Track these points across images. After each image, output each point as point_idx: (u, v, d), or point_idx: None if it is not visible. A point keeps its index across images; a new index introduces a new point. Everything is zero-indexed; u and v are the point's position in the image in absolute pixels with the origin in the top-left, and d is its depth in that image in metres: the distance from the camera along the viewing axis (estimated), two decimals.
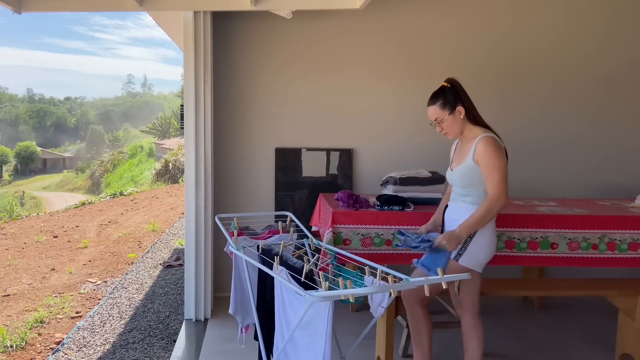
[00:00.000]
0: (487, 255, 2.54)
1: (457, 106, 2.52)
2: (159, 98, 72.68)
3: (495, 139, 2.49)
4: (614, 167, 4.50)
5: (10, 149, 50.45)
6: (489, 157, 2.42)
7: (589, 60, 4.43)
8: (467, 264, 2.49)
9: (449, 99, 2.52)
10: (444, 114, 2.53)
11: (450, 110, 2.52)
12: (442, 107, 2.53)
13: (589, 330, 3.85)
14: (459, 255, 2.48)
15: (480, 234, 2.47)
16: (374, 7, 4.19)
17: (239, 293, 2.73)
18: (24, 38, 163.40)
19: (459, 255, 2.48)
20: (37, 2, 3.60)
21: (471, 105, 2.57)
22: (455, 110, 2.52)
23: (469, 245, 2.48)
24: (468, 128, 2.56)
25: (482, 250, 2.50)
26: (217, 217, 2.75)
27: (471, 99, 2.58)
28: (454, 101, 2.52)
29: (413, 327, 2.74)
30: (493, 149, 2.43)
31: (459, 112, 2.52)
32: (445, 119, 2.53)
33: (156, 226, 9.47)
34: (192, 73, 3.82)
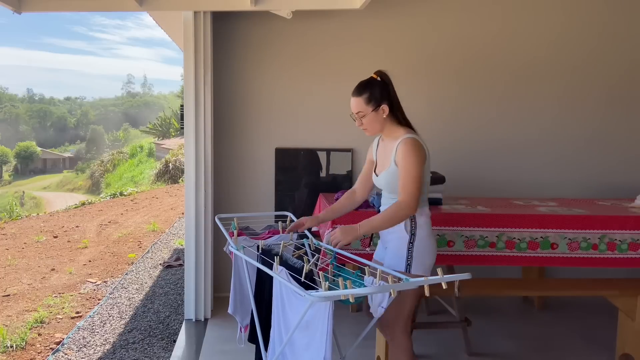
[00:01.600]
0: (431, 257, 2.40)
1: (382, 103, 2.36)
2: (159, 98, 72.67)
3: (417, 142, 2.32)
4: (614, 167, 4.50)
5: (10, 149, 50.45)
6: (407, 163, 2.28)
7: (589, 60, 4.43)
8: (419, 271, 2.36)
9: (375, 94, 2.36)
10: (368, 109, 2.36)
11: (375, 106, 2.35)
12: (366, 101, 2.36)
13: (589, 330, 3.85)
14: (409, 266, 2.35)
15: (418, 238, 2.35)
16: (374, 7, 4.19)
17: (239, 293, 2.73)
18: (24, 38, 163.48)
19: (409, 265, 2.35)
20: (37, 2, 3.60)
21: (397, 104, 2.41)
22: (379, 107, 2.36)
23: (413, 253, 2.35)
24: (390, 127, 2.41)
25: (426, 254, 2.37)
26: (217, 217, 2.75)
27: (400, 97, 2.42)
28: (380, 97, 2.36)
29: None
30: (413, 154, 2.28)
31: (382, 110, 2.36)
32: (368, 114, 2.37)
33: (156, 226, 9.47)
34: (192, 73, 3.82)
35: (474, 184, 4.36)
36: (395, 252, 2.39)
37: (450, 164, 4.19)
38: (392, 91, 2.41)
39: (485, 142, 4.44)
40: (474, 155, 4.42)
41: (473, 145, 4.42)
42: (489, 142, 4.44)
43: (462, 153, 4.40)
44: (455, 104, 4.41)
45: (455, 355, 3.42)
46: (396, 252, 2.39)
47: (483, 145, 4.44)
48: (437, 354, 3.44)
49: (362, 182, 2.64)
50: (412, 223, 2.37)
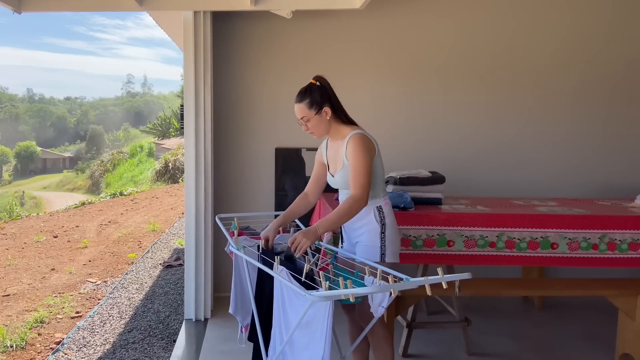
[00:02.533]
0: (399, 243, 2.55)
1: (323, 106, 2.45)
2: (159, 98, 72.65)
3: (365, 136, 2.43)
4: (614, 167, 4.50)
5: (10, 149, 50.46)
6: (355, 158, 2.38)
7: (590, 60, 4.43)
8: (391, 259, 2.46)
9: (315, 98, 2.45)
10: (311, 114, 2.46)
11: (317, 110, 2.45)
12: (308, 106, 2.46)
13: (589, 330, 3.85)
14: (384, 255, 2.44)
15: (388, 227, 2.46)
16: (374, 7, 4.19)
17: (239, 293, 2.73)
18: (24, 38, 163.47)
19: (383, 254, 2.44)
20: (37, 2, 3.61)
21: (338, 104, 2.51)
22: (322, 110, 2.45)
23: (385, 241, 2.45)
24: (335, 127, 2.51)
25: (395, 240, 2.50)
26: (217, 217, 2.75)
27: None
28: (321, 100, 2.45)
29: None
30: (361, 149, 2.38)
31: (325, 112, 2.46)
32: (312, 118, 2.46)
33: (156, 226, 9.47)
34: (192, 73, 3.82)
35: (474, 184, 4.36)
36: (368, 243, 2.47)
37: (450, 164, 4.19)
38: (331, 93, 2.50)
39: (485, 142, 4.44)
40: (474, 155, 4.42)
41: (473, 145, 4.42)
42: (489, 142, 4.44)
43: (462, 153, 4.40)
44: (456, 104, 4.41)
45: (455, 355, 3.42)
46: (369, 243, 2.47)
47: (483, 145, 4.44)
48: (437, 354, 3.44)
49: (313, 184, 2.71)
50: (380, 213, 2.47)
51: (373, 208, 2.47)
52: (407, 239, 3.09)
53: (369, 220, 2.47)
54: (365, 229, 2.48)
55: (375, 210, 2.47)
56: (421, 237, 3.12)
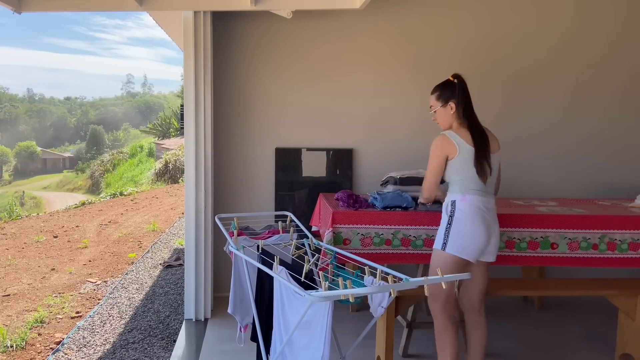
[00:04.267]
0: (469, 240, 2.57)
1: (450, 101, 2.65)
2: (159, 98, 72.67)
3: (441, 138, 2.63)
4: (614, 167, 4.50)
5: (10, 149, 50.46)
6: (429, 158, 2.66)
7: (591, 61, 4.43)
8: (452, 251, 2.57)
9: (445, 92, 2.67)
10: (437, 105, 2.69)
11: (443, 103, 2.66)
12: (437, 98, 2.70)
13: (589, 330, 3.85)
14: (445, 245, 2.58)
15: (456, 220, 2.57)
16: (374, 7, 4.19)
17: (238, 292, 2.73)
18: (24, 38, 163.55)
19: (445, 244, 2.58)
20: (37, 2, 3.60)
21: (467, 106, 2.68)
22: (447, 104, 2.65)
23: (450, 233, 2.58)
24: (456, 125, 2.67)
25: (463, 237, 2.56)
26: (217, 217, 2.75)
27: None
28: (450, 95, 2.65)
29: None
30: (432, 151, 2.64)
31: (450, 107, 2.65)
32: (437, 109, 2.69)
33: (156, 226, 9.47)
34: (192, 73, 3.83)
35: None
36: (439, 231, 2.66)
37: None
38: (462, 92, 2.68)
39: None
40: None
41: None
42: None
43: None
44: None
45: None
46: (438, 232, 2.66)
47: None
48: (437, 353, 3.44)
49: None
50: (452, 207, 2.62)
51: (448, 202, 2.64)
52: (407, 239, 3.10)
53: (444, 212, 2.66)
54: (442, 216, 2.67)
55: (450, 204, 2.63)
56: (421, 237, 3.12)
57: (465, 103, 2.67)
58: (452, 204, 2.62)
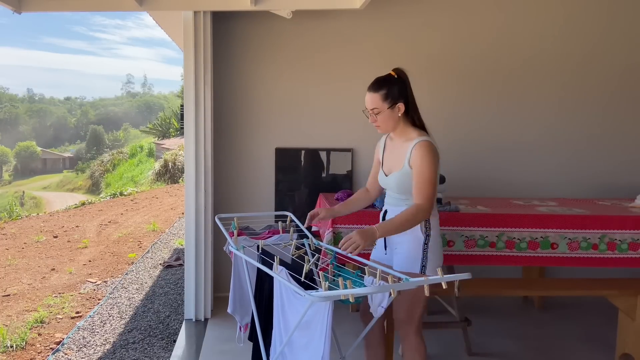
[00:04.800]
0: (441, 256, 2.44)
1: (399, 102, 2.33)
2: (159, 98, 72.67)
3: (433, 146, 2.33)
4: (614, 167, 4.50)
5: (10, 149, 50.47)
6: (424, 167, 2.28)
7: (590, 60, 4.43)
8: (432, 272, 2.37)
9: (393, 91, 2.33)
10: (383, 107, 2.33)
11: (391, 104, 2.32)
12: (383, 98, 2.33)
13: (589, 330, 3.85)
14: (424, 267, 2.35)
15: (432, 239, 2.37)
16: (374, 7, 4.19)
17: (238, 292, 2.73)
18: (24, 38, 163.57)
19: (424, 267, 2.35)
20: (37, 2, 3.60)
21: (413, 104, 2.39)
22: (395, 105, 2.33)
23: (428, 254, 2.36)
24: (403, 127, 2.39)
25: (438, 254, 2.40)
26: (217, 217, 2.75)
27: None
28: (398, 95, 2.33)
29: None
30: (429, 159, 2.29)
31: (398, 108, 2.34)
32: (383, 112, 2.33)
33: (156, 226, 9.47)
34: (192, 73, 3.82)
35: (474, 184, 4.36)
36: (408, 254, 2.37)
37: (450, 164, 4.18)
38: (409, 90, 2.38)
39: (485, 142, 4.44)
40: (474, 155, 4.42)
41: (473, 146, 4.42)
42: (489, 142, 4.44)
43: (462, 153, 4.40)
44: (455, 104, 4.41)
45: (455, 355, 3.42)
46: (409, 254, 2.37)
47: (483, 146, 4.44)
48: (437, 354, 3.44)
49: (373, 180, 2.64)
50: (426, 224, 2.37)
51: None
52: None
53: (414, 230, 2.35)
54: (409, 237, 2.36)
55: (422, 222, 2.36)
56: None
57: (413, 103, 2.38)
58: (425, 221, 2.36)
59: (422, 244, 2.36)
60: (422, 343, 2.46)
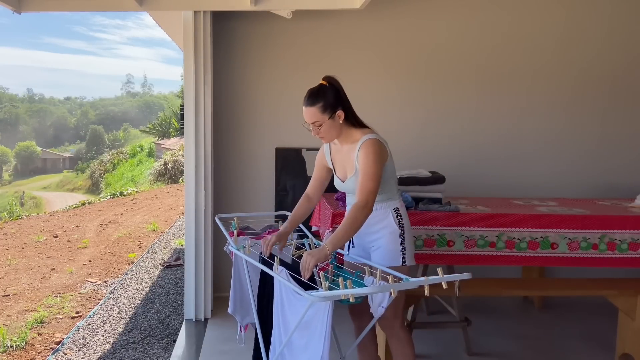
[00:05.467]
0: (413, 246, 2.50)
1: (337, 109, 2.31)
2: (159, 98, 72.67)
3: (377, 141, 2.32)
4: (614, 167, 4.50)
5: (10, 149, 50.48)
6: (365, 163, 2.26)
7: (590, 60, 4.43)
8: (411, 262, 2.42)
9: (329, 100, 2.30)
10: (324, 118, 2.29)
11: (331, 114, 2.30)
12: (322, 110, 2.29)
13: (589, 330, 3.85)
14: (404, 259, 2.38)
15: (406, 229, 2.40)
16: (374, 7, 4.19)
17: (238, 292, 2.73)
18: (24, 38, 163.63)
19: (404, 258, 2.38)
20: (37, 2, 3.60)
21: (349, 107, 2.39)
22: (335, 114, 2.31)
23: (405, 244, 2.38)
24: (346, 132, 2.39)
25: (412, 243, 2.46)
26: (217, 217, 2.75)
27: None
28: (335, 103, 2.31)
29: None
30: (372, 156, 2.26)
31: (338, 116, 2.32)
32: (325, 123, 2.30)
33: (156, 226, 9.47)
34: (192, 73, 3.82)
35: (474, 184, 4.36)
36: (388, 247, 2.38)
37: (450, 164, 4.19)
38: (343, 95, 2.38)
39: (485, 142, 4.44)
40: (474, 155, 4.42)
41: (473, 146, 4.42)
42: (489, 142, 4.44)
43: (462, 153, 4.40)
44: (455, 104, 4.41)
45: (455, 355, 3.42)
46: (389, 247, 2.38)
47: (483, 146, 4.44)
48: (437, 354, 3.44)
49: (315, 186, 2.63)
50: (398, 215, 2.40)
51: (390, 210, 2.40)
52: None
53: (388, 224, 2.38)
54: (384, 232, 2.39)
55: (393, 213, 2.40)
56: (421, 237, 3.12)
57: (349, 106, 2.38)
58: (395, 211, 2.39)
59: (399, 235, 2.38)
60: (410, 336, 2.51)
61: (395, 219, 2.39)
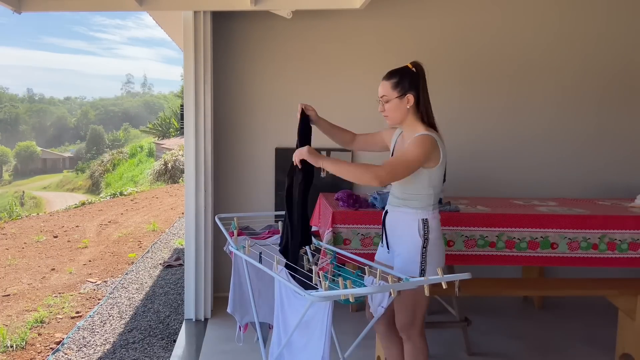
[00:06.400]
0: (443, 258, 2.39)
1: (408, 93, 2.29)
2: (159, 98, 72.70)
3: (433, 140, 2.26)
4: (613, 167, 4.50)
5: (10, 149, 50.48)
6: (408, 150, 2.23)
7: (589, 60, 4.43)
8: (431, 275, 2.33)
9: (404, 81, 2.29)
10: (392, 95, 2.31)
11: (400, 94, 2.29)
12: (393, 86, 2.31)
13: (589, 330, 3.85)
14: (423, 271, 2.31)
15: (432, 243, 2.32)
16: (374, 7, 4.19)
17: (238, 292, 2.73)
18: (24, 38, 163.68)
19: (423, 270, 2.31)
20: (37, 2, 3.60)
21: (425, 99, 2.34)
22: (404, 96, 2.29)
23: (426, 257, 2.31)
24: (411, 121, 2.34)
25: (438, 256, 2.35)
26: (217, 217, 2.75)
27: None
28: (408, 87, 2.29)
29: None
30: (420, 148, 2.21)
31: (407, 99, 2.29)
32: (392, 100, 2.31)
33: (156, 226, 9.47)
34: (192, 73, 3.82)
35: (474, 184, 4.36)
36: (407, 257, 2.34)
37: (451, 164, 4.16)
38: (422, 85, 2.32)
39: (485, 142, 4.44)
40: (474, 155, 4.42)
41: (473, 145, 4.42)
42: (489, 142, 4.44)
43: (462, 153, 4.40)
44: (455, 104, 4.41)
45: (455, 355, 3.42)
46: (408, 257, 2.33)
47: (483, 145, 4.44)
48: (437, 354, 3.44)
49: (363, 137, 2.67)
50: (425, 227, 2.31)
51: (418, 220, 2.31)
52: None
53: (412, 233, 2.31)
54: (406, 239, 2.33)
55: (420, 223, 2.31)
56: None
57: (425, 98, 2.33)
58: (423, 222, 2.30)
59: (420, 247, 2.31)
60: (426, 345, 2.45)
61: (420, 229, 2.30)
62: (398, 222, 2.37)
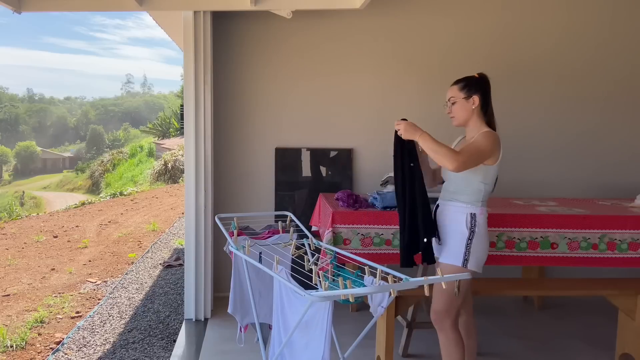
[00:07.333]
0: (485, 254, 2.54)
1: (474, 94, 2.51)
2: (159, 98, 72.70)
3: (498, 138, 2.50)
4: (614, 167, 4.50)
5: (10, 149, 50.48)
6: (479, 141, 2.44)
7: (590, 60, 4.43)
8: (473, 267, 2.50)
9: (470, 85, 2.52)
10: (459, 96, 2.53)
11: (466, 95, 2.52)
12: (460, 87, 2.54)
13: (589, 330, 3.85)
14: (466, 261, 2.47)
15: (477, 235, 2.47)
16: (374, 7, 4.19)
17: (238, 292, 2.73)
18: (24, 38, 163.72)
19: (466, 260, 2.47)
20: (37, 2, 3.60)
21: (489, 104, 2.56)
22: (470, 97, 2.51)
23: (471, 249, 2.46)
24: (475, 122, 2.55)
25: (481, 250, 2.50)
26: (217, 217, 2.75)
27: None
28: (474, 89, 2.52)
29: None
30: (488, 141, 2.44)
31: (473, 100, 2.51)
32: (458, 101, 2.53)
33: (156, 226, 9.47)
34: (192, 73, 3.83)
35: None
36: (453, 246, 2.49)
37: None
38: (486, 90, 2.54)
39: None
40: None
41: None
42: None
43: None
44: None
45: None
46: (454, 246, 2.49)
47: None
48: (437, 354, 3.42)
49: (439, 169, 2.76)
50: (472, 220, 2.47)
51: (467, 213, 2.48)
52: None
53: (459, 225, 2.49)
54: (454, 228, 2.50)
55: (469, 217, 2.48)
56: None
57: (489, 102, 2.57)
58: (471, 216, 2.48)
59: (466, 239, 2.46)
60: (461, 337, 2.56)
61: (468, 222, 2.47)
62: (448, 214, 2.55)
